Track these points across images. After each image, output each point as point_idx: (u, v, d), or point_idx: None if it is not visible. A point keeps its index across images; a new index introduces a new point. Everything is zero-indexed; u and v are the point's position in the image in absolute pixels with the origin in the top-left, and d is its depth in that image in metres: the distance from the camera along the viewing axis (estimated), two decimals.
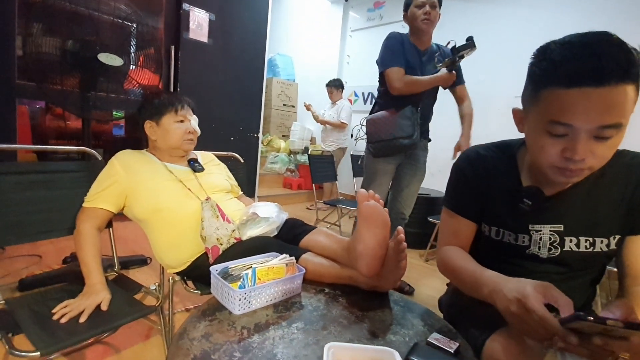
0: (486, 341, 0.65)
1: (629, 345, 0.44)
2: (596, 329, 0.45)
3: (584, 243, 0.71)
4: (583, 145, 0.56)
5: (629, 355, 0.45)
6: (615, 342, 0.44)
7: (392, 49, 1.73)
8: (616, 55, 0.53)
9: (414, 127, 1.70)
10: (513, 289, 0.55)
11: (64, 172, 1.14)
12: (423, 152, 1.91)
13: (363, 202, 0.78)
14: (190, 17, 2.57)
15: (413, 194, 1.92)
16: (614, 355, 0.46)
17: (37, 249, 1.98)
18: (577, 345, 0.46)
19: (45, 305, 0.90)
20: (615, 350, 0.45)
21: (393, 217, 1.94)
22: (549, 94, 0.58)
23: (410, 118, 1.70)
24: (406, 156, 1.87)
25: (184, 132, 1.15)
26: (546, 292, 0.52)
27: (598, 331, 0.45)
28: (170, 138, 1.14)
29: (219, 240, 1.01)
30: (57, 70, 1.67)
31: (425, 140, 1.92)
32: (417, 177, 1.91)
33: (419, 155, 1.88)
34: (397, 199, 1.93)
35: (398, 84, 1.69)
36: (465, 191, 0.81)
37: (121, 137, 3.38)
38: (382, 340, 0.65)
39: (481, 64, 3.17)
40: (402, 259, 0.76)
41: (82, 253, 0.97)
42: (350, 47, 4.65)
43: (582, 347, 0.46)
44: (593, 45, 0.54)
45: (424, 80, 1.68)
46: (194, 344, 0.58)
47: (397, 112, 1.72)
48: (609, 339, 0.44)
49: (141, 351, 1.27)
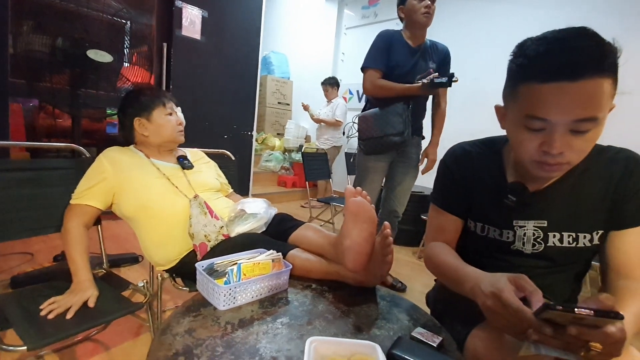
0: (468, 335, 0.66)
1: (602, 334, 0.45)
2: (567, 318, 0.45)
3: (567, 238, 0.71)
4: (560, 139, 0.57)
5: (601, 347, 0.45)
6: (589, 331, 0.45)
7: (376, 49, 1.75)
8: (590, 49, 0.53)
9: (405, 124, 1.69)
10: (488, 284, 0.55)
11: (52, 169, 1.13)
12: (416, 149, 1.89)
13: (350, 197, 0.79)
14: (183, 14, 2.55)
15: (406, 191, 1.91)
16: (586, 346, 0.46)
17: (29, 247, 1.98)
18: (551, 336, 0.46)
19: (34, 301, 0.89)
20: (589, 340, 0.45)
21: (386, 215, 1.94)
22: (526, 89, 0.58)
23: (401, 115, 1.69)
24: (398, 153, 1.85)
25: (175, 124, 1.17)
26: (518, 283, 0.53)
27: (570, 321, 0.45)
28: (164, 131, 1.14)
29: (206, 237, 1.01)
30: (47, 68, 1.66)
31: (418, 137, 1.90)
32: (410, 174, 1.89)
33: (411, 152, 1.87)
34: (390, 197, 1.92)
35: (369, 85, 1.75)
36: (451, 187, 0.81)
37: (115, 136, 3.36)
38: (367, 334, 0.65)
39: (476, 61, 3.19)
40: (388, 254, 0.77)
41: (70, 250, 0.97)
42: (345, 45, 4.64)
43: (555, 339, 0.46)
44: (567, 40, 0.54)
45: (395, 87, 1.68)
46: (177, 339, 0.58)
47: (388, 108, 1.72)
48: (583, 328, 0.45)
49: (130, 348, 1.27)
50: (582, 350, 0.46)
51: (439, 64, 1.78)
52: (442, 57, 1.80)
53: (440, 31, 3.50)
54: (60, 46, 1.62)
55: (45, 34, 1.63)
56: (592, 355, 0.46)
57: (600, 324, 0.45)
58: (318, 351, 0.54)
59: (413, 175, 1.90)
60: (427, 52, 1.76)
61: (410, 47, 1.74)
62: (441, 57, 1.80)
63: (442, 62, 1.80)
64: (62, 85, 1.66)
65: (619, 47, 0.55)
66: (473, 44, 3.24)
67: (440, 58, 1.80)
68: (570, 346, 0.47)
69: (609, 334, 0.44)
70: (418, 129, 1.88)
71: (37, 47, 1.61)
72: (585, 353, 0.46)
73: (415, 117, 1.79)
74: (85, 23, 1.67)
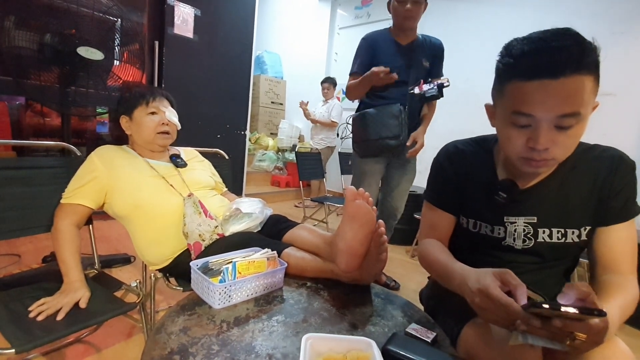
0: (461, 330, 0.67)
1: (586, 325, 0.47)
2: (554, 313, 0.47)
3: (556, 234, 0.73)
4: (545, 135, 0.59)
5: (586, 337, 0.47)
6: (573, 323, 0.47)
7: (357, 55, 1.77)
8: (570, 48, 0.55)
9: (401, 126, 1.66)
10: (475, 281, 0.57)
11: (42, 168, 1.11)
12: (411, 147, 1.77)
13: (351, 200, 0.78)
14: (175, 12, 2.52)
15: (403, 193, 1.87)
16: (571, 336, 0.48)
17: (16, 248, 1.93)
18: (538, 327, 0.48)
19: (22, 303, 0.88)
20: (573, 331, 0.48)
21: (385, 218, 1.91)
22: (512, 87, 0.61)
23: (397, 117, 1.66)
24: (394, 155, 1.80)
25: (157, 124, 1.10)
26: (503, 278, 0.55)
27: (557, 314, 0.47)
28: (142, 132, 1.10)
29: (201, 237, 1.00)
30: (35, 65, 1.62)
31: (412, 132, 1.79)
32: (407, 176, 1.85)
33: (405, 152, 1.78)
34: (388, 199, 1.89)
35: (347, 92, 1.79)
36: (444, 185, 0.83)
37: (105, 135, 3.31)
38: (362, 331, 0.66)
39: (466, 62, 3.23)
40: (382, 252, 0.78)
41: (61, 250, 0.95)
42: (338, 45, 4.66)
43: (543, 329, 0.48)
44: (549, 40, 0.57)
45: (357, 83, 1.68)
46: (172, 338, 0.58)
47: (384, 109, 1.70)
48: (567, 320, 0.47)
49: (123, 350, 1.25)
50: (567, 340, 0.48)
51: (432, 59, 1.73)
52: (435, 53, 1.75)
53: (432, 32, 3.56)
54: (49, 42, 1.58)
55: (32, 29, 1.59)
56: (577, 344, 0.48)
57: (585, 319, 0.47)
58: (314, 348, 0.54)
59: (410, 177, 1.86)
60: (420, 48, 1.71)
61: (400, 46, 1.71)
62: (434, 53, 1.75)
63: (435, 58, 1.75)
64: (50, 83, 1.63)
65: (598, 46, 0.57)
66: (463, 45, 3.28)
67: (433, 53, 1.74)
68: (557, 336, 0.49)
69: (592, 325, 0.47)
70: (414, 129, 1.79)
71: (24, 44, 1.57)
72: (571, 342, 0.48)
73: (412, 117, 1.75)
74: (75, 20, 1.63)
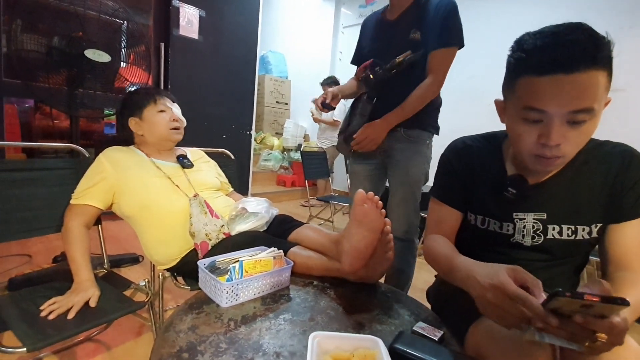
0: (469, 328, 0.67)
1: (608, 324, 0.45)
2: (575, 305, 0.45)
3: (566, 231, 0.72)
4: (557, 131, 0.58)
5: (607, 337, 0.46)
6: (595, 320, 0.45)
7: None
8: (583, 42, 0.55)
9: (356, 120, 1.41)
10: (486, 276, 0.55)
11: (51, 169, 1.13)
12: (406, 145, 1.37)
13: (359, 204, 0.76)
14: (180, 13, 2.55)
15: (401, 203, 1.39)
16: (592, 337, 0.46)
17: (27, 248, 1.97)
18: (556, 326, 0.46)
19: (33, 302, 0.89)
20: (595, 329, 0.46)
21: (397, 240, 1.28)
22: (524, 82, 0.60)
23: (362, 114, 1.39)
24: (383, 154, 1.43)
25: (169, 120, 1.14)
26: (516, 275, 0.53)
27: (577, 309, 0.45)
28: (156, 129, 1.13)
29: (207, 236, 1.01)
30: (43, 68, 1.65)
31: (408, 130, 1.36)
32: (402, 180, 1.39)
33: (395, 151, 1.39)
34: (391, 216, 1.38)
35: None
36: (451, 181, 0.82)
37: (113, 136, 3.35)
38: (369, 329, 0.66)
39: (474, 59, 3.20)
40: (388, 250, 0.77)
41: (71, 250, 0.96)
42: (343, 44, 4.65)
43: (561, 329, 0.47)
44: (562, 34, 0.56)
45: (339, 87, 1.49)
46: (180, 336, 0.58)
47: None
48: (589, 317, 0.45)
49: (132, 348, 1.26)
50: (586, 341, 0.47)
51: (430, 26, 1.28)
52: (437, 14, 1.27)
53: None
54: (57, 45, 1.61)
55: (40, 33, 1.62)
56: (598, 345, 0.46)
57: (607, 312, 0.45)
58: (321, 346, 0.54)
59: (408, 181, 1.39)
60: (409, 18, 1.32)
61: (385, 22, 1.40)
62: (437, 14, 1.27)
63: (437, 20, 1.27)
64: (59, 85, 1.66)
65: (612, 40, 0.56)
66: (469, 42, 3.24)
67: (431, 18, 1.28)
68: (575, 336, 0.47)
69: (614, 324, 0.45)
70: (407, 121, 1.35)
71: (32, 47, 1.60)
72: (590, 343, 0.47)
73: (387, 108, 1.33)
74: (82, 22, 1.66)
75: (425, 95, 1.29)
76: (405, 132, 1.36)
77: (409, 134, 1.37)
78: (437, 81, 1.28)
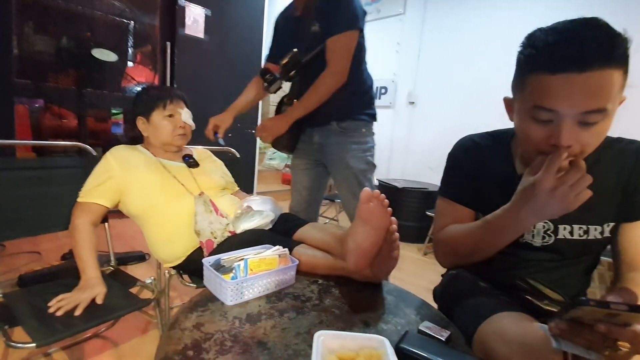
0: (477, 329, 0.65)
1: (632, 332, 0.43)
2: (599, 314, 0.43)
3: (577, 231, 0.71)
4: (568, 132, 0.56)
5: (630, 346, 0.44)
6: (618, 329, 0.43)
7: None
8: (599, 40, 0.52)
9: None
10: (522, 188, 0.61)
11: (59, 167, 1.15)
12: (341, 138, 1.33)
13: (365, 202, 0.75)
14: (186, 12, 2.56)
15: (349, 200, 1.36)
16: (614, 346, 0.44)
17: (37, 246, 2.00)
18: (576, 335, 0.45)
19: (43, 299, 0.90)
20: (618, 338, 0.44)
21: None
22: (534, 80, 0.58)
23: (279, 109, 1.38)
24: (316, 152, 1.41)
25: (174, 127, 1.13)
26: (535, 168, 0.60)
27: (600, 318, 0.44)
28: (160, 134, 1.13)
29: (213, 234, 1.01)
30: (53, 68, 1.68)
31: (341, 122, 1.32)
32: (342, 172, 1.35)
33: (331, 146, 1.35)
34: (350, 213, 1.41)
35: None
36: (461, 179, 0.81)
37: (120, 136, 3.38)
38: (374, 329, 0.65)
39: (479, 57, 3.16)
40: (394, 249, 0.76)
41: (78, 248, 0.97)
42: None
43: (580, 337, 0.45)
44: (576, 31, 0.54)
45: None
46: (185, 334, 0.58)
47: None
48: (612, 326, 0.43)
49: (139, 345, 1.28)
50: (606, 350, 0.45)
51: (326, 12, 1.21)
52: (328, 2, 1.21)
53: (441, 24, 3.51)
54: (65, 46, 1.63)
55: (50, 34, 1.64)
56: (619, 354, 0.45)
57: (630, 321, 0.43)
58: (326, 345, 0.53)
59: (350, 172, 1.33)
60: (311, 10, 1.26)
61: (292, 18, 1.36)
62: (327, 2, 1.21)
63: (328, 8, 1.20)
64: (67, 85, 1.68)
65: (629, 37, 0.54)
66: (475, 40, 3.21)
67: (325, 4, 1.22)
68: (594, 345, 0.45)
69: (638, 333, 0.43)
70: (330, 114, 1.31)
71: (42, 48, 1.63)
72: (610, 352, 0.45)
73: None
74: (90, 23, 1.68)
75: (322, 87, 1.23)
76: (339, 124, 1.33)
77: (342, 126, 1.33)
78: (332, 71, 1.22)
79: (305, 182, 1.48)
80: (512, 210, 0.62)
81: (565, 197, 0.55)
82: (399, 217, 1.99)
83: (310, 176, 1.48)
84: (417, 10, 3.56)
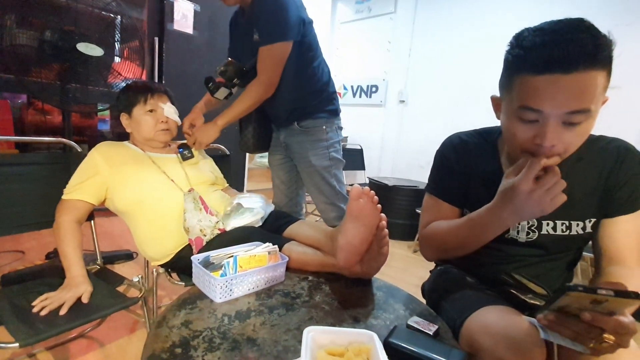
0: (464, 323, 0.67)
1: (617, 322, 0.44)
2: (585, 301, 0.44)
3: (560, 226, 0.73)
4: (552, 132, 0.57)
5: (614, 339, 0.45)
6: (603, 317, 0.44)
7: None
8: (584, 42, 0.53)
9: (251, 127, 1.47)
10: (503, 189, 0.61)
11: (43, 164, 1.12)
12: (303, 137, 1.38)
13: (355, 199, 0.76)
14: (175, 7, 2.52)
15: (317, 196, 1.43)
16: (599, 338, 0.45)
17: (20, 245, 1.95)
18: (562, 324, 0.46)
19: (26, 298, 0.88)
20: (603, 326, 0.45)
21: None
22: (520, 80, 0.59)
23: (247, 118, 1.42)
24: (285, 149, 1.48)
25: (156, 122, 1.11)
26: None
27: (587, 306, 0.45)
28: (142, 130, 1.11)
29: (202, 232, 1.00)
30: (36, 62, 1.62)
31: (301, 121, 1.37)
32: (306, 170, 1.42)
33: (294, 145, 1.41)
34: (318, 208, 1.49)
35: None
36: (449, 176, 0.82)
37: (107, 132, 3.31)
38: (364, 324, 0.66)
39: (467, 57, 3.20)
40: (384, 245, 0.77)
41: (63, 246, 0.95)
42: (339, 40, 4.62)
43: (566, 328, 0.46)
44: (562, 32, 0.55)
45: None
46: (173, 331, 0.58)
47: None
48: (597, 314, 0.44)
49: (126, 344, 1.25)
50: (592, 342, 0.46)
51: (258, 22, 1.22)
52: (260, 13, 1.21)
53: (434, 23, 3.54)
54: (49, 39, 1.58)
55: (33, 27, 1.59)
56: (603, 346, 0.46)
57: (617, 308, 0.44)
58: (316, 341, 0.54)
59: (314, 170, 1.40)
60: (251, 19, 1.26)
61: (239, 24, 1.38)
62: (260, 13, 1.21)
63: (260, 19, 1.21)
64: (51, 80, 1.63)
65: (613, 40, 0.55)
66: (466, 39, 3.25)
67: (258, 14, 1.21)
68: (580, 336, 0.46)
69: (623, 323, 0.44)
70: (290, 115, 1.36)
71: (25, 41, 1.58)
72: (595, 344, 0.46)
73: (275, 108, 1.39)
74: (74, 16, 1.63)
75: (249, 96, 1.27)
76: (299, 124, 1.37)
77: (302, 125, 1.37)
78: (260, 81, 1.24)
79: (282, 177, 1.55)
80: (495, 209, 0.64)
81: (541, 200, 0.57)
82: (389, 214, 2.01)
83: (285, 170, 1.53)
84: (408, 9, 3.57)
